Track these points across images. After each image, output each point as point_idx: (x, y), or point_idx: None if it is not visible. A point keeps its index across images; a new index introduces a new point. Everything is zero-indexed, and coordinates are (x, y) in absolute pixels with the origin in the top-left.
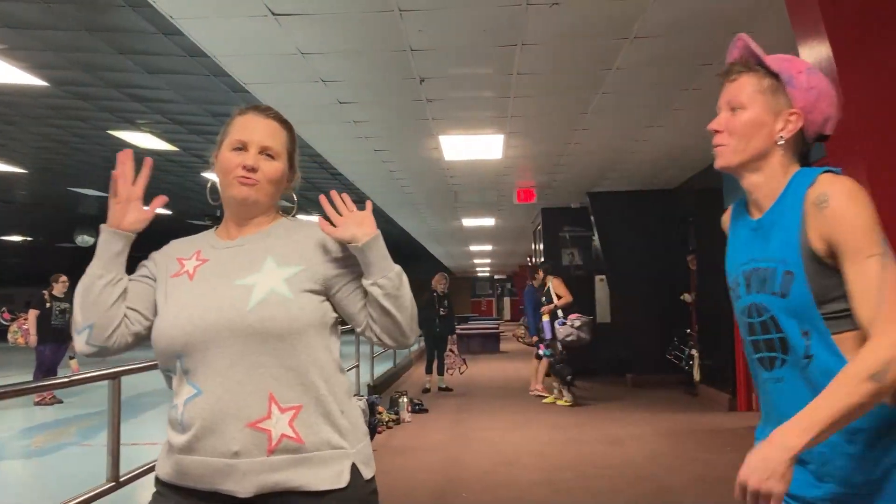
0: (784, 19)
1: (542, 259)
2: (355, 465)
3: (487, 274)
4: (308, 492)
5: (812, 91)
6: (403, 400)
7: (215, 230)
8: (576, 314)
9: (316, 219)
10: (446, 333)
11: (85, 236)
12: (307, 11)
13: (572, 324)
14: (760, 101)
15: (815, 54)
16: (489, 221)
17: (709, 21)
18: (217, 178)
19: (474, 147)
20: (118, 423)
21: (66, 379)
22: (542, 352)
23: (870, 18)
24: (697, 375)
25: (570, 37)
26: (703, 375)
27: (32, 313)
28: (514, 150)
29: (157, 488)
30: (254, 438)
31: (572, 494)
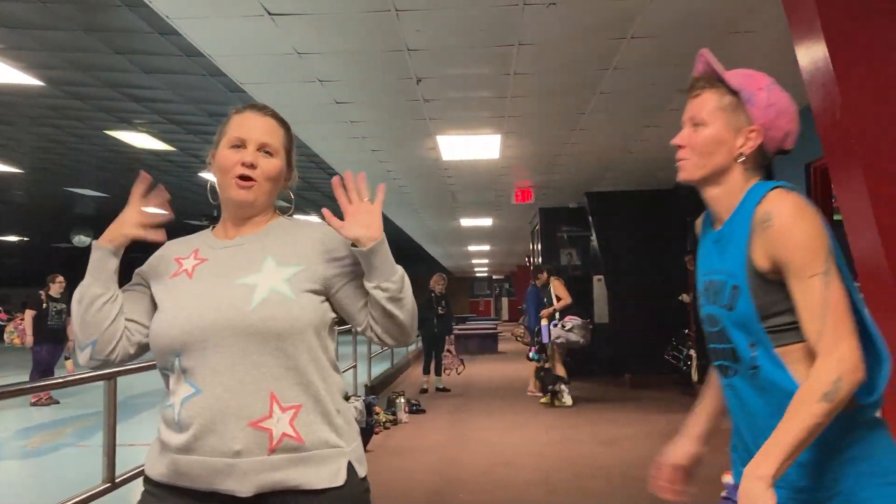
0: (781, 19)
1: (541, 259)
2: (351, 464)
3: (485, 274)
4: (306, 490)
5: (772, 108)
6: (401, 400)
7: (212, 230)
8: (570, 316)
9: (314, 219)
10: (444, 334)
11: (82, 236)
12: (303, 11)
13: (563, 325)
14: (721, 119)
15: (811, 54)
16: (487, 221)
17: (706, 21)
18: (215, 177)
19: (472, 147)
20: (114, 424)
21: (63, 379)
22: (531, 355)
23: (866, 18)
24: (695, 376)
25: (567, 37)
26: (701, 376)
27: (29, 314)
28: (512, 150)
29: (146, 488)
30: (255, 437)
31: (569, 495)
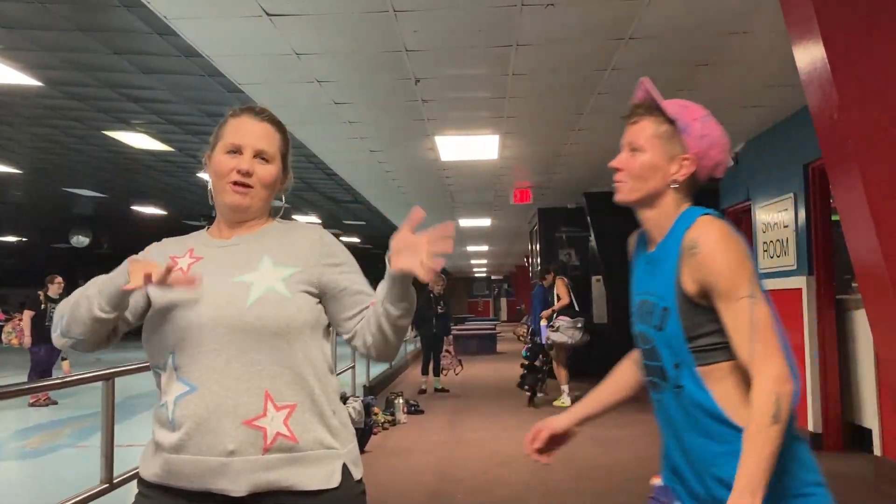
0: (779, 20)
1: (539, 259)
2: (346, 466)
3: (484, 274)
4: (300, 491)
5: (705, 139)
6: (399, 401)
7: (207, 230)
8: (562, 316)
9: (312, 219)
10: (443, 334)
11: (80, 237)
12: (302, 12)
13: (552, 326)
14: (657, 146)
15: (809, 55)
16: (485, 222)
17: (704, 22)
18: (210, 179)
19: (470, 147)
20: (112, 425)
21: (61, 380)
22: (523, 352)
23: (864, 19)
24: None
25: (565, 38)
26: None
27: (27, 314)
28: (511, 151)
29: (140, 490)
30: (249, 436)
31: (566, 495)
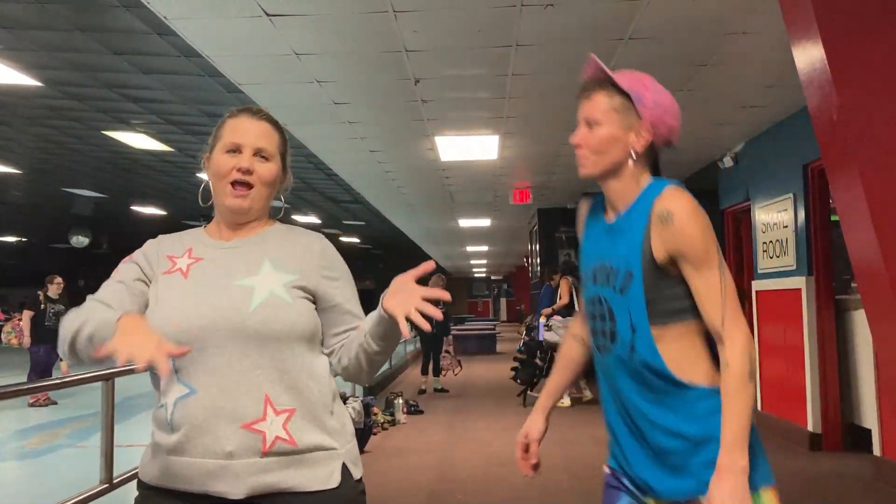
0: (778, 20)
1: (540, 260)
2: (345, 465)
3: (484, 275)
4: (299, 492)
5: (658, 107)
6: (399, 401)
7: (204, 228)
8: (557, 316)
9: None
10: (442, 334)
11: (80, 237)
12: (301, 12)
13: (548, 326)
14: (614, 118)
15: (808, 55)
16: (485, 222)
17: (703, 22)
18: (210, 180)
19: (470, 148)
20: (112, 425)
21: (61, 380)
22: (519, 346)
23: (863, 19)
24: None
25: (565, 38)
26: None
27: (27, 314)
28: (510, 151)
29: (140, 492)
30: (248, 440)
31: (565, 495)
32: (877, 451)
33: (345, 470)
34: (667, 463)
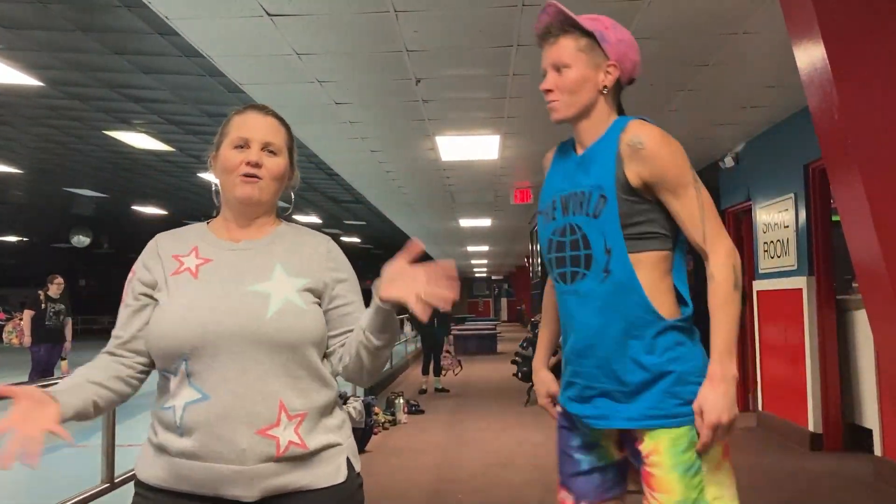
0: (778, 20)
1: (540, 260)
2: (348, 459)
3: (484, 274)
4: (310, 490)
5: (622, 43)
6: (400, 401)
7: (208, 225)
8: None
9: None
10: (443, 334)
11: (81, 237)
12: (302, 12)
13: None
14: (582, 59)
15: (809, 55)
16: (486, 222)
17: (704, 22)
18: (217, 178)
19: (470, 148)
20: (113, 425)
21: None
22: (521, 342)
23: (864, 19)
24: None
25: None
26: None
27: (27, 314)
28: (511, 151)
29: (139, 492)
30: (262, 445)
31: None
32: (878, 451)
33: (348, 463)
34: (622, 391)
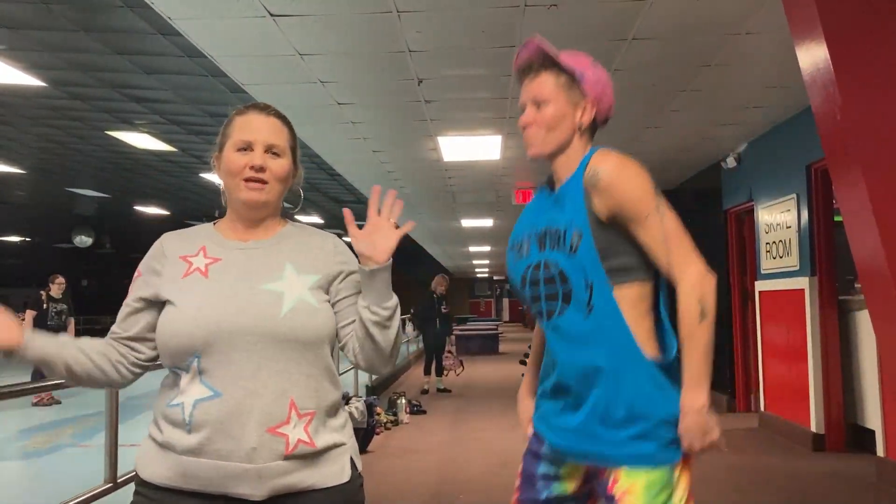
0: (781, 21)
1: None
2: (352, 458)
3: (486, 275)
4: (316, 489)
5: (599, 83)
6: (402, 401)
7: (215, 226)
8: None
9: (314, 219)
10: (445, 334)
11: (83, 237)
12: (305, 12)
13: None
14: (562, 96)
15: (812, 55)
16: (488, 222)
17: (707, 23)
18: (222, 180)
19: (472, 148)
20: (116, 424)
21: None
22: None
23: (867, 19)
24: None
25: (567, 38)
26: None
27: (29, 314)
28: (513, 151)
29: (142, 492)
30: (271, 443)
31: None
32: (880, 451)
33: (352, 462)
34: (603, 428)
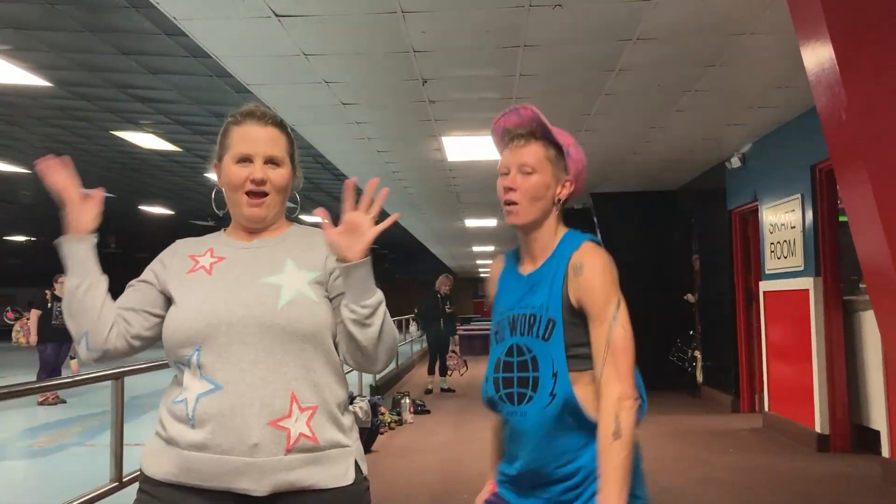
0: (786, 20)
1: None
2: (356, 462)
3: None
4: (319, 490)
5: (580, 162)
6: (406, 401)
7: (224, 231)
8: None
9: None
10: (449, 334)
11: None
12: (310, 13)
13: None
14: (548, 168)
15: (817, 55)
16: (491, 222)
17: (712, 23)
18: (224, 190)
19: (477, 148)
20: (121, 423)
21: (70, 379)
22: None
23: (872, 19)
24: (700, 377)
25: (572, 39)
26: (706, 377)
27: (34, 313)
28: None
29: (146, 489)
30: (273, 436)
31: None
32: (885, 452)
33: (356, 466)
34: (557, 499)
